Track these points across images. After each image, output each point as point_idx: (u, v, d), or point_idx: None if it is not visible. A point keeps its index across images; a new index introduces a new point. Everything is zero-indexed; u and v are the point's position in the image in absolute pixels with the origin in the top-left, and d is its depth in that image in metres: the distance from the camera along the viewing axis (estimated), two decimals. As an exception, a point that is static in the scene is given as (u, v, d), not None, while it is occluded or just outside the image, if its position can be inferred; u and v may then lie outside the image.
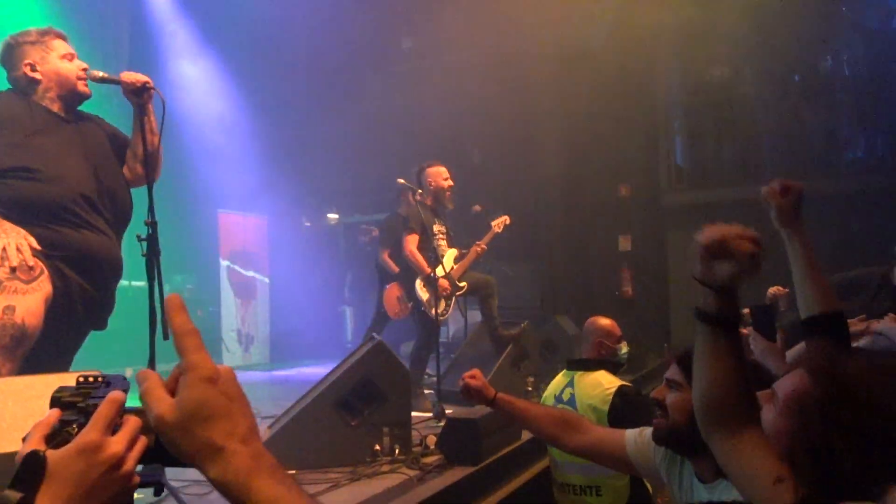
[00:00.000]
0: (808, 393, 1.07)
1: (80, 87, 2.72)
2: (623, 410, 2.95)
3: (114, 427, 0.70)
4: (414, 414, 3.73)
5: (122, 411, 0.71)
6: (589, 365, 3.25)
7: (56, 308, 2.52)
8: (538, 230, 7.99)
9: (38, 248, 2.46)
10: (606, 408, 2.98)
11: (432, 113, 8.55)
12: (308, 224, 10.26)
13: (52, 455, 0.66)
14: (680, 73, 8.89)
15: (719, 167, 8.66)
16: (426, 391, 4.92)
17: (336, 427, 3.19)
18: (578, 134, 8.65)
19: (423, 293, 4.82)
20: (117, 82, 2.68)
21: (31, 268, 2.42)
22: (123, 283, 2.99)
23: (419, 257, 4.78)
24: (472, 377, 2.18)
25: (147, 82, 2.67)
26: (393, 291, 5.86)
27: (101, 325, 2.83)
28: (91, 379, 0.75)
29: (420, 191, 4.91)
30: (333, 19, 8.57)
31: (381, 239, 6.04)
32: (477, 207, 6.14)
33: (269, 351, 8.82)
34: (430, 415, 4.21)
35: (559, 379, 3.30)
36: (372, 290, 8.09)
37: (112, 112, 3.08)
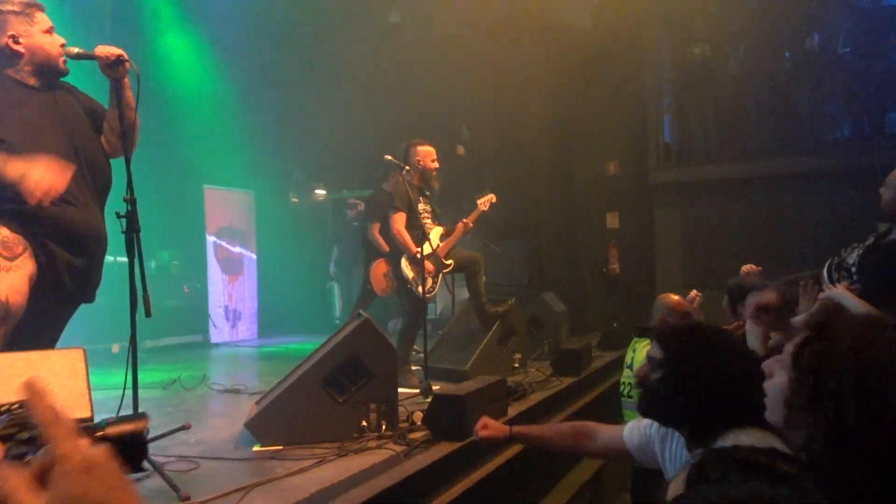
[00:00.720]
0: (804, 346, 1.11)
1: (61, 64, 2.68)
2: None
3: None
4: (401, 390, 3.75)
5: None
6: (645, 332, 3.59)
7: (44, 284, 2.51)
8: (526, 207, 7.98)
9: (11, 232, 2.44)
10: None
11: (420, 89, 8.47)
12: (295, 200, 10.21)
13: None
14: (669, 51, 8.84)
15: (707, 145, 8.66)
16: (413, 368, 4.95)
17: (323, 403, 3.20)
18: (567, 111, 8.62)
19: (408, 271, 4.82)
20: (93, 57, 2.63)
21: (14, 245, 2.41)
22: (108, 258, 2.97)
23: (406, 236, 4.77)
24: (484, 427, 2.33)
25: (121, 55, 2.63)
26: (380, 268, 5.86)
27: (89, 297, 2.82)
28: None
29: (407, 167, 4.89)
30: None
31: (368, 214, 6.03)
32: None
33: (256, 327, 8.83)
34: (418, 391, 4.23)
35: (631, 346, 3.78)
36: (358, 265, 8.12)
37: (88, 84, 3.02)
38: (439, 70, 8.36)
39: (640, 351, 3.55)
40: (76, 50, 2.67)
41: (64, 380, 1.96)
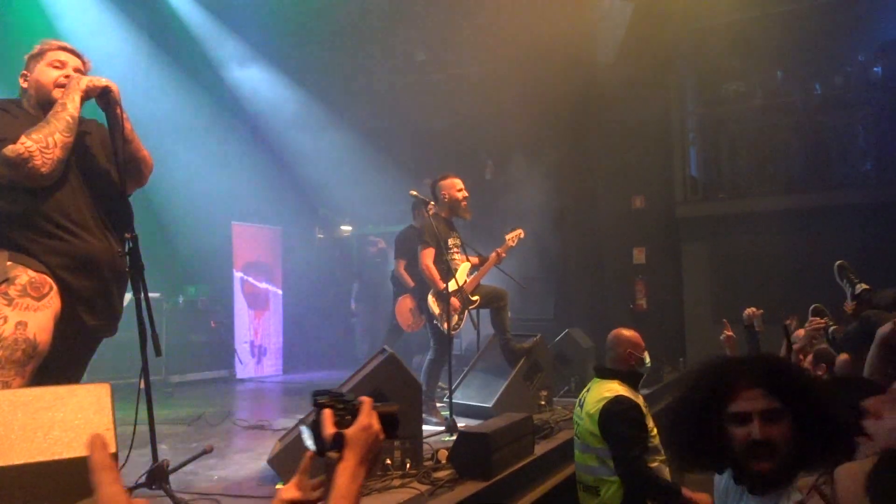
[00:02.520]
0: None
1: (55, 94, 2.64)
2: (609, 417, 3.20)
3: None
4: (426, 427, 3.70)
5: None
6: (605, 373, 3.49)
7: (62, 320, 2.52)
8: (551, 242, 7.94)
9: (36, 272, 2.46)
10: (598, 412, 3.24)
11: (445, 125, 8.56)
12: (321, 236, 10.29)
13: (347, 433, 1.15)
14: (694, 86, 8.85)
15: (734, 179, 8.60)
16: (439, 405, 4.89)
17: (347, 440, 3.16)
18: (592, 145, 8.62)
19: (434, 307, 4.79)
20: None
21: (41, 285, 2.43)
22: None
23: (434, 272, 4.76)
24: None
25: (107, 86, 2.61)
26: (405, 304, 5.85)
27: (109, 331, 2.81)
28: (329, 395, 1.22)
29: (433, 203, 4.90)
30: (348, 30, 8.62)
31: (396, 250, 6.05)
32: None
33: (281, 363, 8.83)
34: (443, 428, 4.17)
35: (588, 385, 3.56)
36: (379, 301, 8.10)
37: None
38: (464, 105, 8.44)
39: (595, 390, 3.39)
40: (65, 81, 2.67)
41: (90, 415, 1.95)
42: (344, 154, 9.08)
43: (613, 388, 3.34)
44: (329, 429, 1.15)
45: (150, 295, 2.72)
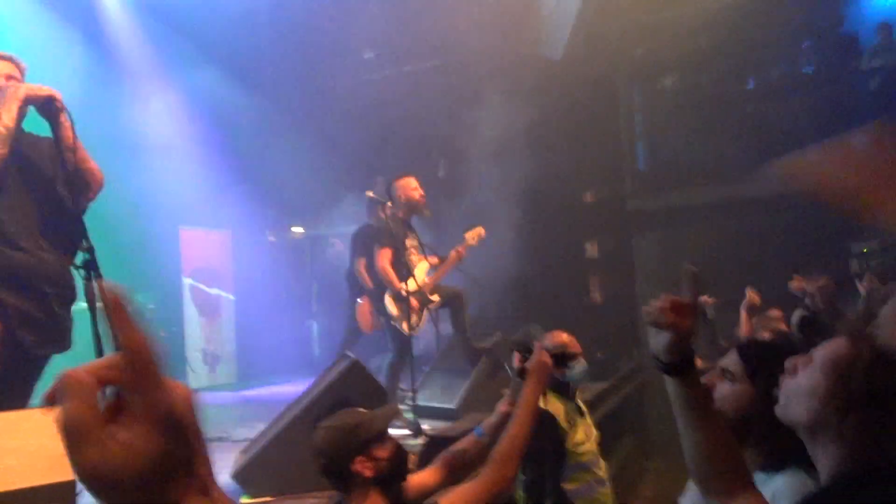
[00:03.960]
0: (848, 355, 1.19)
1: None
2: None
3: None
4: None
5: None
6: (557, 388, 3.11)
7: (6, 341, 2.39)
8: (504, 238, 7.97)
9: None
10: None
11: (397, 122, 8.49)
12: (272, 238, 10.10)
13: (527, 365, 2.09)
14: (639, 80, 9.00)
15: (681, 171, 8.78)
16: (400, 406, 4.84)
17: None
18: (541, 142, 8.67)
19: (392, 308, 4.74)
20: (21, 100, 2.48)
21: None
22: (82, 305, 2.85)
23: (390, 272, 4.71)
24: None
25: (51, 95, 2.48)
26: (366, 305, 5.77)
27: (60, 347, 2.68)
28: None
29: (390, 203, 4.84)
30: (295, 30, 8.48)
31: (353, 250, 5.92)
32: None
33: (236, 369, 8.63)
34: (407, 431, 4.14)
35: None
36: (339, 303, 7.98)
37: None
38: (414, 103, 8.39)
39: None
40: None
41: (46, 440, 1.85)
42: (293, 154, 8.91)
43: None
44: (517, 363, 1.81)
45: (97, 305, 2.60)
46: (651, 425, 7.79)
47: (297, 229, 10.05)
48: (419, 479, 2.22)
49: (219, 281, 8.62)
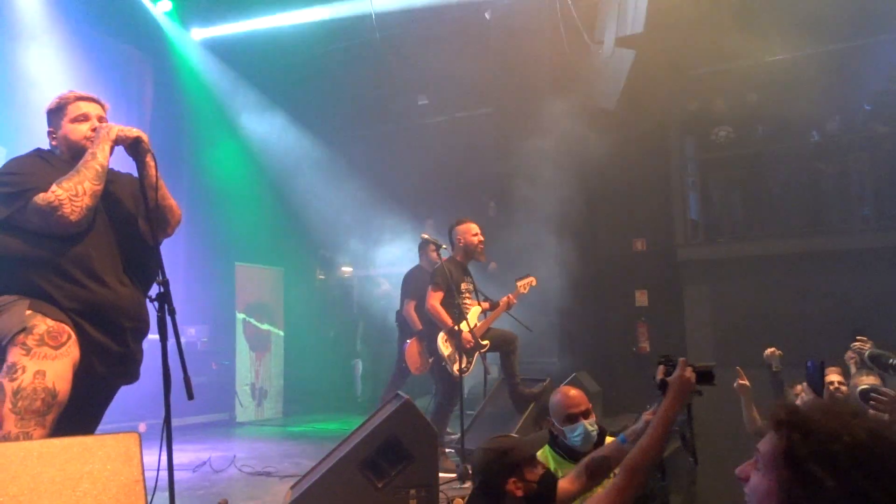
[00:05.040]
0: (777, 447, 1.14)
1: (87, 146, 2.67)
2: None
3: None
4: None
5: None
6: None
7: (82, 367, 2.50)
8: (554, 284, 7.94)
9: (54, 321, 2.45)
10: None
11: (447, 167, 8.62)
12: (322, 277, 10.28)
13: (669, 380, 2.10)
14: (693, 131, 8.97)
15: (734, 223, 8.66)
16: (447, 450, 4.83)
17: (362, 489, 3.12)
18: (593, 190, 8.69)
19: (444, 348, 4.77)
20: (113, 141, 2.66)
21: (58, 333, 2.42)
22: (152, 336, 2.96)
23: (441, 311, 4.75)
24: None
25: (139, 137, 2.64)
26: (414, 346, 5.80)
27: (129, 379, 2.79)
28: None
29: (444, 246, 4.91)
30: (352, 74, 8.76)
31: (404, 291, 6.00)
32: (493, 265, 6.12)
33: (282, 405, 8.72)
34: (454, 475, 4.12)
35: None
36: (382, 342, 8.05)
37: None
38: (466, 148, 8.52)
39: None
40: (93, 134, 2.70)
41: (119, 465, 1.92)
42: (345, 195, 9.12)
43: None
44: (660, 376, 2.10)
45: (152, 337, 2.69)
46: (700, 479, 7.54)
47: (346, 269, 10.21)
48: (561, 485, 2.40)
49: (270, 317, 8.79)
